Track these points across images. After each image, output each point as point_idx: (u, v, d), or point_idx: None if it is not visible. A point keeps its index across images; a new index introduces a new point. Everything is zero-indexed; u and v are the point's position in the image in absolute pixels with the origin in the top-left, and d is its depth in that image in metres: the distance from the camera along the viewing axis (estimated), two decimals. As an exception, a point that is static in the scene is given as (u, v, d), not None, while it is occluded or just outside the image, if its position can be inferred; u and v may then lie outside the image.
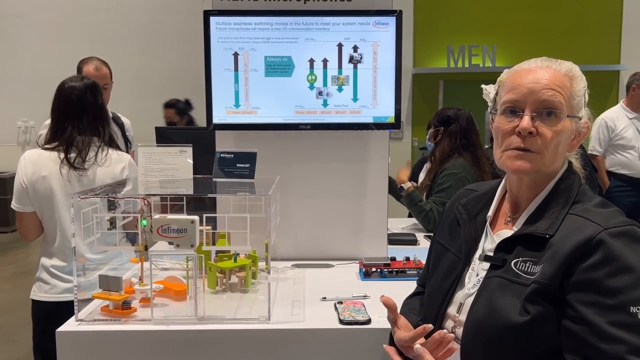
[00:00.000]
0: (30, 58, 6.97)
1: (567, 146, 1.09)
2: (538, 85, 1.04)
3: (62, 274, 2.08)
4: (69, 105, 2.06)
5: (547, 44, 6.40)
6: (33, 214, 2.08)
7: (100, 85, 2.90)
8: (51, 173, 2.03)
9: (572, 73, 1.08)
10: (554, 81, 1.05)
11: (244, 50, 1.87)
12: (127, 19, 7.01)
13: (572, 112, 1.06)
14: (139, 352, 1.35)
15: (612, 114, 4.22)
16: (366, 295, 1.59)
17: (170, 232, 1.36)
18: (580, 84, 1.08)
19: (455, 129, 2.78)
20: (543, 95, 1.04)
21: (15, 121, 7.12)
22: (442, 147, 2.79)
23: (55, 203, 2.05)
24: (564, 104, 1.04)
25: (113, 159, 2.10)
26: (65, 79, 2.13)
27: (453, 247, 1.19)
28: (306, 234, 2.02)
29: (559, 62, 1.09)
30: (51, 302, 2.07)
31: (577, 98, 1.07)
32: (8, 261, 5.55)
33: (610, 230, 0.96)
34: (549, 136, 1.03)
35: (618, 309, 0.92)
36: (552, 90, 1.04)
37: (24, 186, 2.05)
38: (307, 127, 1.91)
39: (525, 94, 1.05)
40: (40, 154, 2.06)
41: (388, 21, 1.87)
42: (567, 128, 1.05)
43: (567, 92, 1.05)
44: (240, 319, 1.41)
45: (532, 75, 1.06)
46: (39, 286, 2.11)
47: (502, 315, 0.99)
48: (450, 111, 2.85)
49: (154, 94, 6.85)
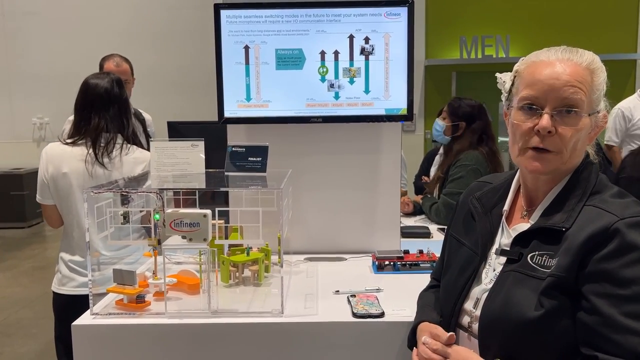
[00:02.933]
0: (45, 55, 7.04)
1: (586, 140, 1.06)
2: (559, 82, 1.00)
3: (80, 268, 2.11)
4: (95, 98, 2.08)
5: (561, 34, 6.30)
6: (54, 206, 2.14)
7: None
8: (72, 170, 2.05)
9: (594, 65, 1.04)
10: (575, 76, 1.00)
11: (255, 43, 1.87)
12: (141, 15, 7.05)
13: (592, 108, 1.03)
14: (153, 345, 1.36)
15: (629, 104, 4.14)
16: (379, 289, 1.58)
17: (183, 226, 1.36)
18: (601, 77, 1.04)
19: (479, 127, 2.72)
20: (564, 93, 1.00)
21: (31, 118, 7.21)
22: (462, 142, 2.73)
23: (74, 199, 2.08)
24: (585, 101, 1.01)
25: (134, 157, 2.11)
26: (90, 75, 2.16)
27: (468, 242, 1.18)
28: (318, 227, 2.01)
29: (579, 54, 1.04)
30: (69, 295, 2.11)
31: (598, 92, 1.04)
32: (25, 256, 5.63)
33: (626, 221, 0.94)
34: (568, 135, 1.00)
35: (632, 300, 0.91)
36: (574, 87, 1.00)
37: (46, 181, 2.10)
38: (319, 120, 1.90)
39: (545, 90, 1.01)
40: (63, 149, 2.08)
41: (400, 12, 1.84)
42: (587, 125, 1.03)
43: (588, 87, 1.01)
44: (253, 313, 1.41)
45: (552, 70, 1.01)
46: (59, 279, 2.15)
47: (518, 310, 0.98)
48: (468, 104, 2.79)
49: (167, 90, 6.91)
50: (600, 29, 6.46)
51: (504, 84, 1.14)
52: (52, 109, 6.87)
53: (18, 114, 7.24)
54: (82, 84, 2.13)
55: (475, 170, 2.59)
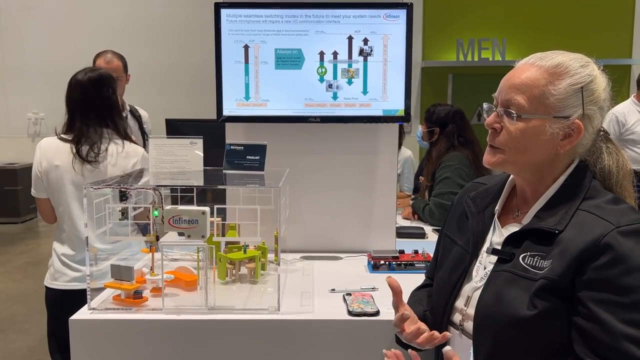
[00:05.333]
0: (41, 50, 7.01)
1: (550, 146, 1.04)
2: (507, 83, 1.07)
3: (71, 262, 2.12)
4: (74, 101, 2.10)
5: (557, 38, 6.35)
6: (48, 200, 2.15)
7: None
8: (64, 163, 2.07)
9: (559, 69, 1.03)
10: (525, 80, 1.04)
11: (255, 43, 1.88)
12: (138, 11, 7.03)
13: (544, 112, 1.02)
14: (150, 340, 1.37)
15: (623, 109, 4.18)
16: (375, 287, 1.60)
17: (182, 223, 1.37)
18: (564, 82, 1.02)
19: (452, 130, 2.78)
20: (507, 95, 1.06)
21: (26, 113, 7.18)
22: (438, 147, 2.79)
23: (65, 192, 2.09)
24: (524, 104, 1.03)
25: (126, 152, 2.12)
26: (75, 73, 2.15)
27: (461, 240, 1.20)
28: (315, 226, 2.03)
29: (547, 58, 1.05)
30: (60, 290, 2.12)
31: (554, 97, 1.02)
32: (19, 251, 5.61)
33: (621, 229, 0.95)
34: (507, 133, 1.06)
35: (631, 308, 0.92)
36: (516, 90, 1.04)
37: (39, 174, 2.11)
38: (317, 120, 1.92)
39: (499, 91, 1.09)
40: (57, 143, 2.10)
41: (399, 14, 1.86)
42: (535, 127, 1.03)
43: (536, 92, 1.02)
44: (250, 309, 1.43)
45: (511, 74, 1.08)
46: (51, 273, 2.16)
47: (510, 309, 1.00)
48: (442, 110, 2.83)
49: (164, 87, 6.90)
50: (596, 33, 6.51)
51: None
52: (47, 104, 6.85)
53: (13, 109, 7.21)
54: (69, 81, 2.13)
55: (459, 169, 2.62)
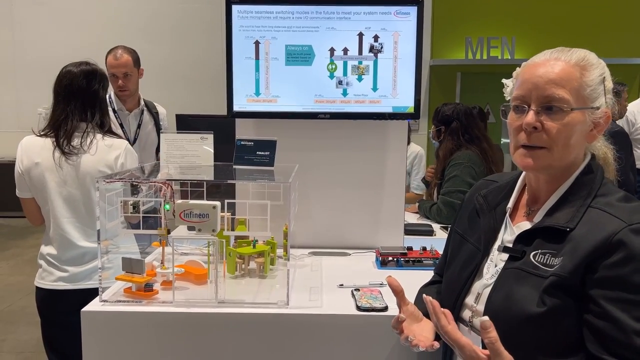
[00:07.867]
0: (51, 45, 7.05)
1: (584, 138, 1.07)
2: (542, 79, 1.04)
3: (56, 262, 2.08)
4: (59, 90, 2.06)
5: (567, 36, 6.31)
6: (33, 199, 2.10)
7: (118, 73, 2.92)
8: (44, 160, 2.02)
9: (585, 62, 1.05)
10: (561, 74, 1.03)
11: (265, 39, 1.89)
12: (148, 7, 7.06)
13: (584, 104, 1.04)
14: (160, 332, 1.39)
15: (633, 108, 4.16)
16: (383, 283, 1.60)
17: (193, 217, 1.39)
18: (593, 73, 1.05)
19: (456, 127, 2.78)
20: (546, 91, 1.03)
21: (36, 108, 7.22)
22: (445, 145, 2.80)
23: (47, 190, 2.04)
24: (568, 97, 1.02)
25: (106, 146, 2.06)
26: (67, 64, 2.11)
27: (472, 238, 1.20)
28: (323, 222, 2.04)
29: (571, 52, 1.06)
30: (46, 289, 2.08)
31: (589, 88, 1.04)
32: (29, 245, 5.66)
33: (633, 226, 0.95)
34: (554, 130, 1.03)
35: None
36: (556, 85, 1.02)
37: (21, 172, 2.06)
38: (327, 116, 1.92)
39: (530, 89, 1.05)
40: (35, 140, 2.05)
41: (409, 11, 1.86)
42: (577, 120, 1.04)
43: (575, 84, 1.03)
44: (259, 303, 1.44)
45: (540, 70, 1.05)
46: (39, 272, 2.12)
47: (520, 306, 1.00)
48: (448, 108, 2.84)
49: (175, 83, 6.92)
50: (606, 33, 6.46)
51: (507, 89, 1.17)
52: (58, 99, 6.88)
53: (24, 104, 7.25)
54: (60, 70, 2.09)
55: (468, 167, 2.62)
